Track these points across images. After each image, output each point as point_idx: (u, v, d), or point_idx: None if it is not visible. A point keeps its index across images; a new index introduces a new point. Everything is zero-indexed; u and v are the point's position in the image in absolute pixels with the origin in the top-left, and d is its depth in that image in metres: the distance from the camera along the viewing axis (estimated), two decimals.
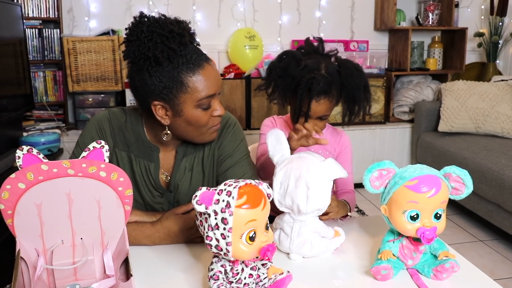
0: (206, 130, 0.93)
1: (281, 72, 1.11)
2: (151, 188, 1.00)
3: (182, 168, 1.00)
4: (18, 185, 0.65)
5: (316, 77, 1.06)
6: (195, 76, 0.87)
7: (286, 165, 0.85)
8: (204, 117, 0.90)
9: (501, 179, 2.06)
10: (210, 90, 0.88)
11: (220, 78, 0.93)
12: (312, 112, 1.09)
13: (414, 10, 3.22)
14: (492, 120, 2.59)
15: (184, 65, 0.86)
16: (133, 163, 0.98)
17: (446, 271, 0.77)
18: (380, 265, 0.77)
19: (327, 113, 1.12)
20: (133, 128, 0.99)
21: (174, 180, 1.00)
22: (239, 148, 1.02)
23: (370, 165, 0.80)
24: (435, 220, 0.76)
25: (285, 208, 0.86)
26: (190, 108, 0.89)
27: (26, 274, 0.69)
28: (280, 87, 1.12)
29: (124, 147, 0.98)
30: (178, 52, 0.85)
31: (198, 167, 1.02)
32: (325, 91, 1.08)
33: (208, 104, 0.90)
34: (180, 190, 1.01)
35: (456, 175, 0.79)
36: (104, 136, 0.97)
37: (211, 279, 0.68)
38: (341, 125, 1.75)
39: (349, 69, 1.11)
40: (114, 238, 0.74)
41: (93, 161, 0.68)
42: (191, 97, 0.87)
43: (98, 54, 2.54)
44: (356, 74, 1.10)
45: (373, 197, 2.70)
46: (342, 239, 0.89)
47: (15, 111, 2.15)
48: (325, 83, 1.07)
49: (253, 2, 2.96)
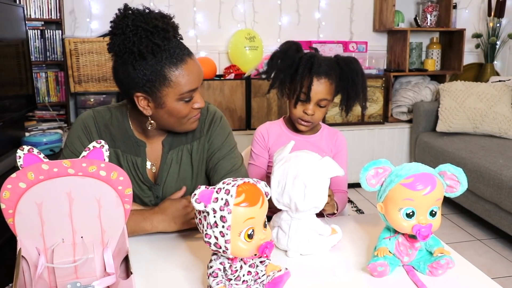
0: (186, 120, 0.96)
1: (281, 55, 1.13)
2: (139, 182, 1.02)
3: (168, 161, 1.02)
4: (19, 185, 0.66)
5: (317, 56, 1.11)
6: (178, 70, 0.89)
7: (284, 164, 0.86)
8: (185, 109, 0.93)
9: (499, 179, 2.07)
10: (192, 85, 0.91)
11: (201, 71, 0.94)
12: (313, 92, 1.09)
13: (413, 11, 3.23)
14: (490, 120, 2.60)
15: (167, 59, 0.88)
16: (120, 158, 1.00)
17: (442, 268, 0.78)
18: (376, 261, 0.78)
19: (327, 96, 1.12)
20: (119, 124, 1.00)
21: (161, 172, 1.02)
22: (227, 141, 1.05)
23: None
24: (430, 217, 0.77)
25: (283, 206, 0.87)
26: (172, 101, 0.91)
27: (27, 272, 0.70)
28: (281, 70, 1.13)
29: (111, 143, 1.00)
30: (162, 47, 0.87)
31: (187, 160, 1.04)
32: (326, 72, 1.10)
33: (190, 97, 0.92)
34: (168, 183, 1.03)
35: (451, 173, 0.80)
36: (90, 134, 0.98)
37: (210, 276, 0.69)
38: (340, 116, 1.75)
39: (346, 58, 1.15)
40: (114, 236, 0.75)
41: (93, 160, 0.69)
42: (174, 91, 0.89)
43: (99, 55, 2.55)
44: (353, 61, 1.14)
45: (371, 196, 2.71)
46: (339, 236, 0.90)
47: (17, 111, 2.16)
48: (327, 65, 1.10)
49: (253, 3, 2.97)
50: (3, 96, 2.00)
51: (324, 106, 1.13)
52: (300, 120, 1.14)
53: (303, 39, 2.94)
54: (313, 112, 1.11)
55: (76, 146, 0.97)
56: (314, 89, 1.09)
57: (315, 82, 1.09)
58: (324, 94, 1.11)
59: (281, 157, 0.89)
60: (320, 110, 1.13)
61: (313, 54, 1.13)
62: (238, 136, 1.37)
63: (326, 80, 1.10)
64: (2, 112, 1.99)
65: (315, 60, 1.10)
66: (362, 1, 3.13)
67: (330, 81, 1.11)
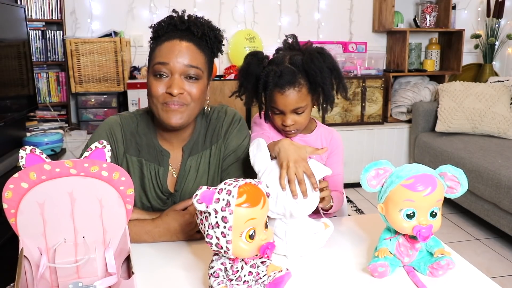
0: (158, 103, 0.93)
1: (244, 73, 1.08)
2: (158, 191, 1.01)
3: (187, 168, 1.02)
4: (21, 185, 0.66)
5: (274, 70, 1.02)
6: (159, 45, 0.94)
7: (270, 173, 0.85)
8: (156, 86, 0.92)
9: (498, 179, 2.08)
10: (163, 58, 0.92)
11: (188, 58, 0.92)
12: (281, 105, 1.04)
13: (412, 12, 3.24)
14: (489, 121, 2.61)
15: (161, 40, 0.94)
16: (143, 167, 0.99)
17: (442, 268, 0.78)
18: (377, 262, 0.78)
19: (299, 104, 1.04)
20: (145, 132, 1.00)
21: (180, 179, 1.01)
22: (242, 144, 1.04)
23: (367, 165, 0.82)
24: (431, 218, 0.78)
25: (277, 215, 0.86)
26: (150, 75, 0.95)
27: (29, 272, 0.70)
28: (248, 89, 1.08)
29: (135, 152, 0.99)
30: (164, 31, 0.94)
31: (204, 166, 1.03)
32: (289, 81, 1.02)
33: (162, 73, 0.92)
34: (185, 189, 1.02)
35: (452, 174, 0.80)
36: (115, 142, 0.98)
37: (212, 276, 0.70)
38: (321, 116, 1.73)
39: (311, 54, 1.04)
40: (115, 236, 0.75)
41: (95, 160, 0.69)
42: (151, 62, 0.94)
43: (100, 55, 2.55)
44: (316, 57, 1.03)
45: (371, 196, 2.71)
46: (331, 229, 0.90)
47: (18, 111, 2.16)
48: (288, 74, 1.02)
49: (253, 4, 2.97)
50: (4, 96, 2.00)
51: (302, 112, 1.06)
52: (283, 128, 1.09)
53: (303, 40, 2.94)
54: (292, 121, 1.06)
55: None
56: (281, 103, 1.03)
57: (279, 96, 1.03)
58: (294, 103, 1.03)
59: (265, 166, 0.87)
60: (301, 116, 1.07)
61: (273, 64, 1.04)
62: None
63: (291, 89, 1.02)
64: (3, 112, 1.99)
65: (270, 74, 1.02)
66: (361, 2, 3.13)
67: (298, 88, 1.03)
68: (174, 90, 0.90)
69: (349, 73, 2.95)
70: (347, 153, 2.86)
